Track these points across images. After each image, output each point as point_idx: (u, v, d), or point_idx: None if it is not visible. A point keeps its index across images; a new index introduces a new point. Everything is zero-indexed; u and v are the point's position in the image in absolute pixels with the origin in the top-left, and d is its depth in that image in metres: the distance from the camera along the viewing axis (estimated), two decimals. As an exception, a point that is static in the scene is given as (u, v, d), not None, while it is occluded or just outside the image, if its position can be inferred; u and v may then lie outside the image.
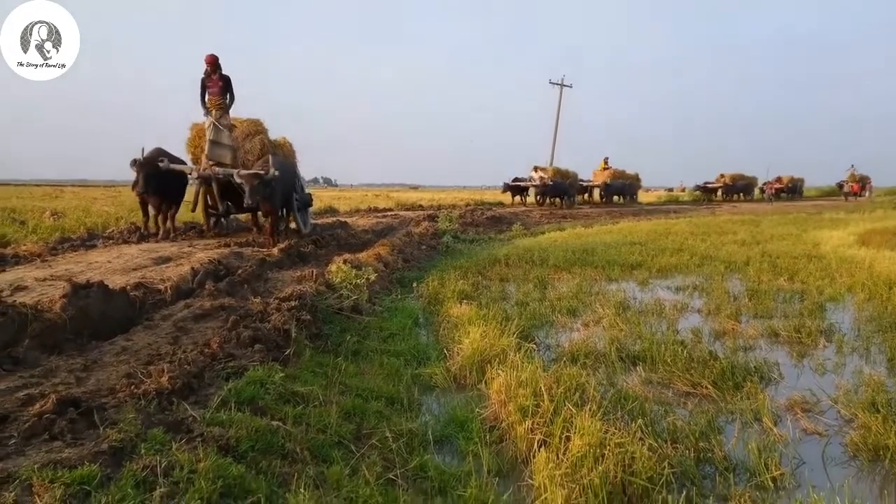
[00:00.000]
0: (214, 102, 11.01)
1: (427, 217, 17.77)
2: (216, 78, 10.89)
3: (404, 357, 5.14)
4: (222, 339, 4.41)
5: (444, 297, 7.17)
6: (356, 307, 6.37)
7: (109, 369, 3.75)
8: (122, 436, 2.70)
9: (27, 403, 3.00)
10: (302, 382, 4.04)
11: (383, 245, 11.08)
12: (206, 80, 10.91)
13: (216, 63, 10.85)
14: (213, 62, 10.78)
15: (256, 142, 11.29)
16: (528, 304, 6.91)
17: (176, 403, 3.26)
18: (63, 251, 8.48)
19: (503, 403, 3.89)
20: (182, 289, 5.96)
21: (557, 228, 16.86)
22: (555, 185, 28.86)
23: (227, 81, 11.06)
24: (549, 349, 5.41)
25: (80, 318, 4.39)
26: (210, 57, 10.78)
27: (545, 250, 10.66)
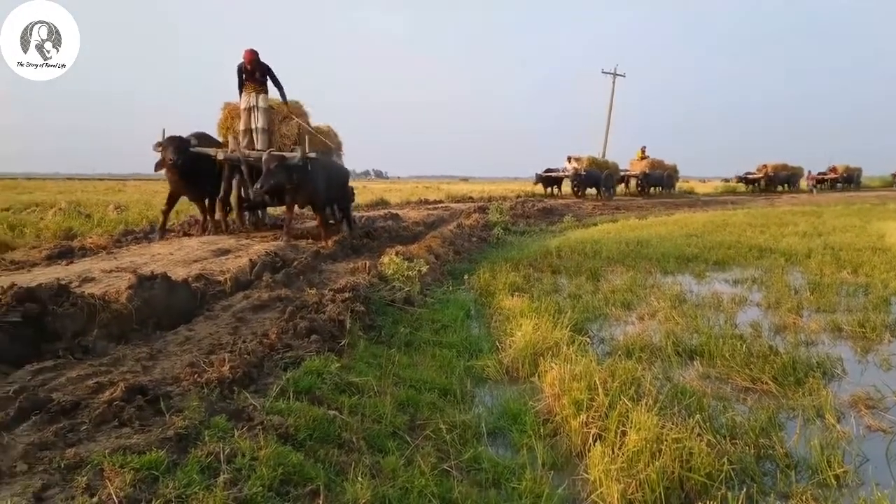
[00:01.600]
0: (253, 87, 10.17)
1: (477, 209, 17.78)
2: (252, 68, 10.10)
3: (456, 349, 5.18)
4: (280, 329, 4.51)
5: (495, 290, 7.18)
6: (408, 299, 6.43)
7: (173, 358, 3.88)
8: (187, 423, 2.79)
9: (97, 391, 3.12)
10: (357, 373, 4.10)
11: (434, 237, 11.15)
12: (243, 69, 10.14)
13: (255, 61, 10.03)
14: (251, 60, 9.98)
15: (293, 126, 10.60)
16: (581, 296, 6.87)
17: (237, 392, 3.35)
18: (127, 243, 8.77)
19: (557, 397, 3.90)
20: (241, 280, 6.11)
21: (610, 220, 16.69)
22: (589, 175, 28.18)
23: (266, 71, 10.17)
24: (603, 342, 5.38)
25: (145, 308, 4.55)
26: (249, 54, 9.96)
27: (598, 242, 10.57)
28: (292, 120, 10.72)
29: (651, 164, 33.92)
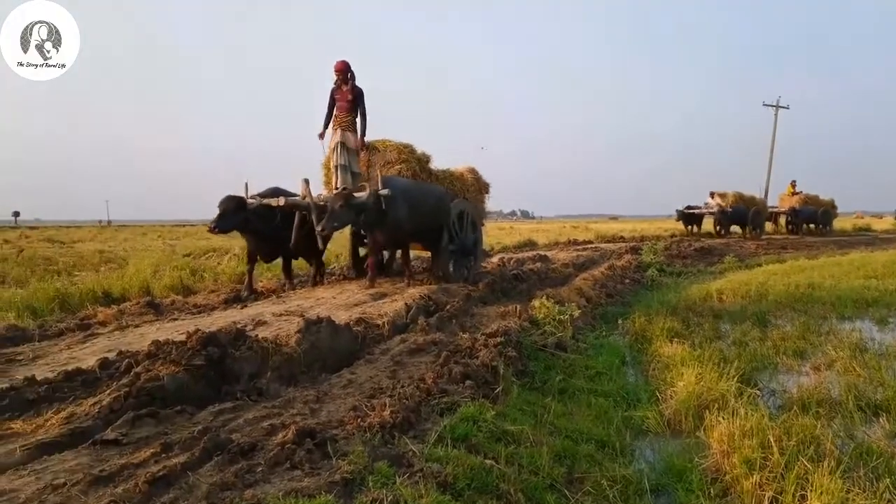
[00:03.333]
0: (340, 119, 9.49)
1: (629, 249, 17.35)
2: (346, 90, 9.40)
3: (613, 398, 5.03)
4: (435, 374, 4.59)
5: (651, 335, 6.94)
6: (560, 344, 6.36)
7: (338, 401, 4.05)
8: (353, 467, 2.90)
9: (271, 433, 3.33)
10: (511, 421, 4.08)
11: (585, 279, 10.98)
12: (336, 91, 9.49)
13: (346, 71, 9.35)
14: (342, 70, 9.32)
15: (394, 173, 9.46)
16: (748, 343, 6.47)
17: (397, 437, 3.44)
18: (292, 287, 9.34)
19: (726, 454, 3.67)
20: (397, 324, 6.32)
21: (776, 260, 15.65)
22: (735, 212, 26.47)
23: (359, 95, 9.43)
24: (775, 395, 5.02)
25: (312, 351, 4.82)
26: (340, 64, 9.33)
27: (763, 284, 9.94)
28: (397, 164, 9.71)
29: (803, 199, 31.33)
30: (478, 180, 11.29)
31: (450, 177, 10.57)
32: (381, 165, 9.62)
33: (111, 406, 3.57)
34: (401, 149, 9.81)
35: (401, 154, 9.74)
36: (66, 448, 3.13)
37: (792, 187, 32.51)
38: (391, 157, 9.71)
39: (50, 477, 2.76)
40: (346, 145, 9.44)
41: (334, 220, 7.69)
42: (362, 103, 9.46)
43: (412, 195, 8.75)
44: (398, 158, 9.71)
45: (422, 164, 9.97)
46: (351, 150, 9.47)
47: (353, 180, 9.32)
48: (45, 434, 3.29)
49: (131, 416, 3.44)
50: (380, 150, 9.76)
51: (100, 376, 4.23)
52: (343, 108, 9.45)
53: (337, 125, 9.51)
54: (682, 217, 28.03)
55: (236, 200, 8.26)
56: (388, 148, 9.80)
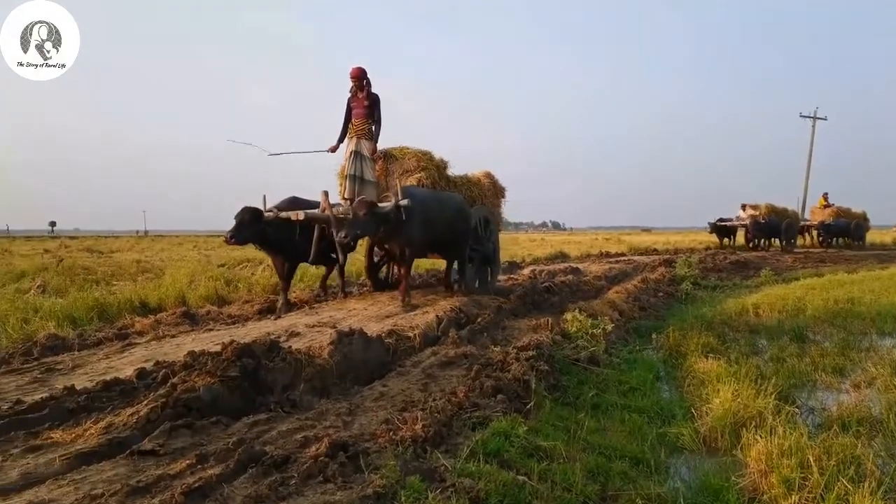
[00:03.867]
0: (357, 127, 9.27)
1: (663, 262, 17.15)
2: (362, 97, 9.19)
3: (647, 414, 4.96)
4: (467, 388, 4.57)
5: (686, 350, 6.84)
6: (593, 358, 6.29)
7: (370, 414, 4.07)
8: (385, 482, 2.90)
9: (304, 445, 3.35)
10: (544, 436, 4.05)
11: (617, 292, 10.88)
12: (352, 99, 9.29)
13: (363, 78, 9.15)
14: (358, 76, 9.11)
15: (414, 181, 9.17)
16: (785, 360, 6.33)
17: (429, 452, 3.44)
18: (325, 299, 9.41)
19: (763, 473, 3.59)
20: (428, 336, 6.32)
21: (814, 274, 15.32)
22: (769, 225, 26.05)
23: (375, 102, 9.26)
24: (814, 413, 4.91)
25: (344, 363, 4.85)
26: (356, 70, 9.14)
27: (801, 299, 9.75)
28: (415, 173, 9.37)
29: (835, 212, 30.61)
30: (494, 185, 11.05)
31: (467, 182, 10.32)
32: (399, 174, 9.35)
33: (148, 416, 3.63)
34: (419, 156, 9.52)
35: (420, 161, 9.45)
36: (105, 458, 3.19)
37: (824, 200, 31.90)
38: (410, 165, 9.42)
39: (88, 487, 2.81)
40: (360, 154, 9.22)
41: (356, 228, 7.46)
42: (378, 110, 9.31)
43: (430, 206, 8.52)
44: (417, 166, 9.41)
45: (440, 170, 9.70)
46: (366, 158, 9.25)
47: (366, 190, 9.12)
48: (83, 444, 3.35)
49: (168, 426, 3.50)
50: (398, 158, 9.49)
51: (137, 386, 4.31)
52: (359, 116, 9.27)
53: (353, 133, 9.31)
54: (715, 230, 27.72)
55: (253, 212, 8.19)
56: (407, 155, 9.52)
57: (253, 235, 8.19)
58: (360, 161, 9.18)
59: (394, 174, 9.34)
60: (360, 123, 9.24)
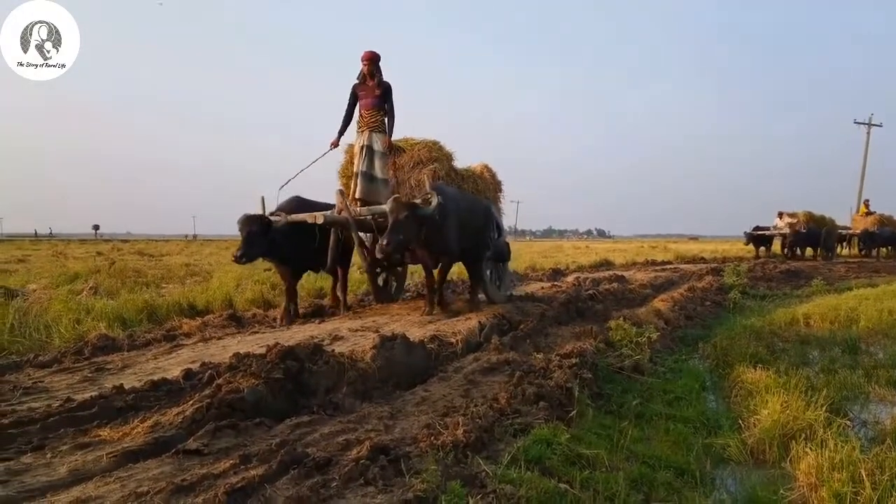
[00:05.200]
0: (367, 119, 8.42)
1: (710, 270, 16.81)
2: (373, 84, 8.33)
3: (692, 424, 4.84)
4: (509, 394, 4.54)
5: (733, 360, 6.68)
6: (637, 367, 6.19)
7: (411, 419, 4.06)
8: (426, 486, 2.89)
9: (346, 448, 3.36)
10: (586, 444, 3.99)
11: (663, 300, 10.70)
12: (359, 87, 8.43)
13: (376, 62, 8.32)
14: (372, 60, 8.26)
15: (428, 173, 8.46)
16: (837, 371, 6.13)
17: (470, 457, 3.42)
18: (369, 303, 9.46)
19: (813, 487, 3.48)
20: (471, 342, 6.30)
21: (868, 284, 14.84)
22: (808, 234, 25.10)
23: (387, 91, 8.36)
24: (866, 426, 4.75)
25: (386, 367, 4.86)
26: (369, 53, 8.28)
27: (854, 309, 9.44)
28: (427, 165, 8.59)
29: (877, 219, 28.95)
30: (493, 178, 10.27)
31: (471, 176, 9.61)
32: (410, 167, 8.62)
33: (194, 416, 3.68)
34: (431, 146, 8.81)
35: (431, 152, 8.72)
36: (151, 456, 3.24)
37: (865, 207, 30.71)
38: (421, 157, 8.66)
39: (134, 485, 2.86)
40: (372, 149, 8.40)
41: (400, 233, 6.72)
42: (390, 99, 8.41)
43: (462, 207, 7.80)
44: (429, 157, 8.67)
45: (449, 162, 9.01)
46: (378, 153, 8.43)
47: (379, 189, 8.40)
48: (130, 442, 3.42)
49: (212, 426, 3.54)
50: (405, 150, 8.73)
51: (183, 387, 4.38)
52: (370, 106, 8.38)
53: (364, 126, 8.45)
54: (751, 239, 26.69)
55: (260, 221, 7.36)
56: (415, 147, 8.80)
57: (264, 249, 7.40)
58: (372, 157, 8.43)
59: (403, 168, 8.63)
60: (371, 115, 8.41)
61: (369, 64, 8.26)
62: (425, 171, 8.45)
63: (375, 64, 8.31)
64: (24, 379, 4.87)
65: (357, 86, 8.44)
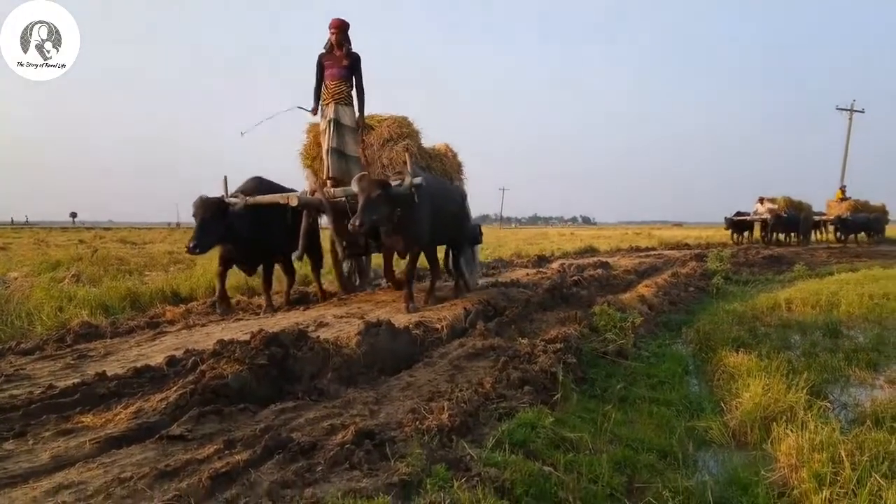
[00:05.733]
0: (333, 91, 7.81)
1: (694, 256, 16.95)
2: (340, 54, 7.75)
3: (675, 407, 4.89)
4: (494, 379, 4.56)
5: (716, 344, 6.72)
6: (621, 351, 6.23)
7: (396, 403, 4.08)
8: (410, 469, 2.91)
9: (331, 433, 3.37)
10: (570, 428, 4.01)
11: (647, 286, 10.77)
12: (326, 57, 7.85)
13: (344, 31, 7.79)
14: (340, 28, 7.73)
15: (400, 150, 7.91)
16: (818, 355, 6.20)
17: (455, 441, 3.43)
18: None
19: (794, 468, 3.52)
20: (456, 328, 6.33)
21: (849, 269, 14.99)
22: (789, 219, 25.27)
23: (356, 62, 7.81)
24: (846, 408, 4.80)
25: (371, 353, 4.88)
26: (338, 21, 7.76)
27: (835, 294, 9.53)
28: (399, 142, 8.10)
29: (852, 205, 29.20)
30: (454, 158, 9.72)
31: (438, 155, 9.15)
32: (379, 145, 8.08)
33: (177, 402, 3.67)
34: (400, 122, 8.29)
35: (401, 128, 8.22)
36: (134, 442, 3.24)
37: (841, 193, 30.79)
38: (391, 134, 8.13)
39: (117, 470, 2.85)
40: (341, 123, 7.79)
41: (373, 213, 6.30)
42: (359, 71, 7.85)
43: (438, 190, 7.50)
44: (399, 134, 8.16)
45: (418, 140, 8.50)
46: (347, 128, 7.84)
47: (351, 168, 7.78)
48: (113, 428, 3.40)
49: (196, 412, 3.54)
50: (373, 127, 8.18)
51: (167, 373, 4.37)
52: (336, 77, 7.79)
53: (329, 98, 7.82)
54: (731, 225, 26.65)
55: (215, 205, 6.78)
56: (383, 123, 8.25)
57: (221, 235, 6.82)
58: (341, 132, 7.83)
59: (372, 146, 8.09)
60: (337, 86, 7.81)
61: (338, 33, 7.76)
62: (397, 149, 7.96)
63: (344, 33, 7.81)
64: (6, 366, 4.82)
65: (323, 56, 7.90)
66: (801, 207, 26.91)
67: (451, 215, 7.88)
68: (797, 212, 26.08)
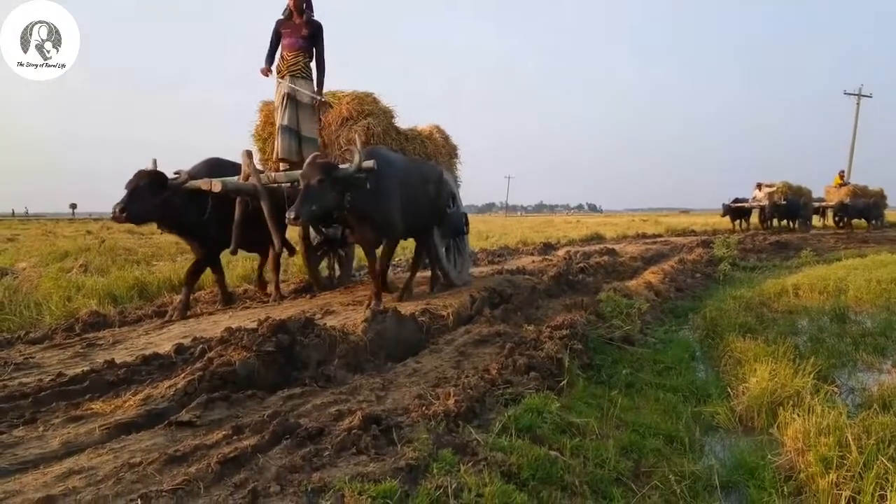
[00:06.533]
0: (289, 62, 7.04)
1: (700, 243, 16.90)
2: (300, 22, 7.02)
3: (682, 393, 4.90)
4: (500, 365, 4.57)
5: (723, 330, 6.72)
6: (627, 338, 6.24)
7: (403, 389, 4.09)
8: (417, 454, 2.92)
9: (338, 418, 3.39)
10: (577, 413, 4.03)
11: (653, 273, 10.75)
12: (283, 23, 7.11)
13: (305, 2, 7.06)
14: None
15: (360, 130, 7.10)
16: (825, 340, 6.20)
17: (461, 426, 3.45)
18: (361, 278, 9.47)
19: (800, 452, 3.52)
20: (462, 315, 6.34)
21: (857, 254, 14.91)
22: (788, 205, 24.70)
23: (317, 31, 7.06)
24: (853, 393, 4.81)
25: (378, 340, 4.90)
26: None
27: (843, 279, 9.49)
28: (360, 120, 7.26)
29: (851, 190, 28.39)
30: (447, 141, 9.06)
31: (418, 137, 8.38)
32: (338, 125, 7.28)
33: (186, 389, 3.70)
34: (362, 99, 7.44)
35: (363, 106, 7.36)
36: (143, 428, 3.27)
37: (840, 178, 30.05)
38: (351, 112, 7.30)
39: (127, 456, 2.87)
40: (296, 99, 7.00)
41: (312, 203, 5.46)
42: (320, 42, 7.11)
43: (409, 173, 6.78)
44: (361, 112, 7.33)
45: (388, 120, 7.66)
46: (304, 106, 7.05)
47: (307, 150, 6.93)
48: (123, 414, 3.43)
49: (204, 398, 3.56)
50: (332, 105, 7.39)
51: (175, 361, 4.40)
52: (294, 47, 7.04)
53: (285, 71, 7.04)
54: (728, 212, 25.88)
55: (152, 177, 6.06)
56: (343, 100, 7.40)
57: (153, 210, 6.03)
58: (296, 109, 7.03)
59: (331, 126, 7.33)
60: (294, 57, 7.05)
61: (296, 3, 7.04)
62: (357, 129, 7.14)
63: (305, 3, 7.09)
64: (15, 355, 4.87)
65: (281, 22, 7.15)
66: (801, 192, 26.44)
67: (424, 199, 7.08)
68: (797, 197, 25.59)
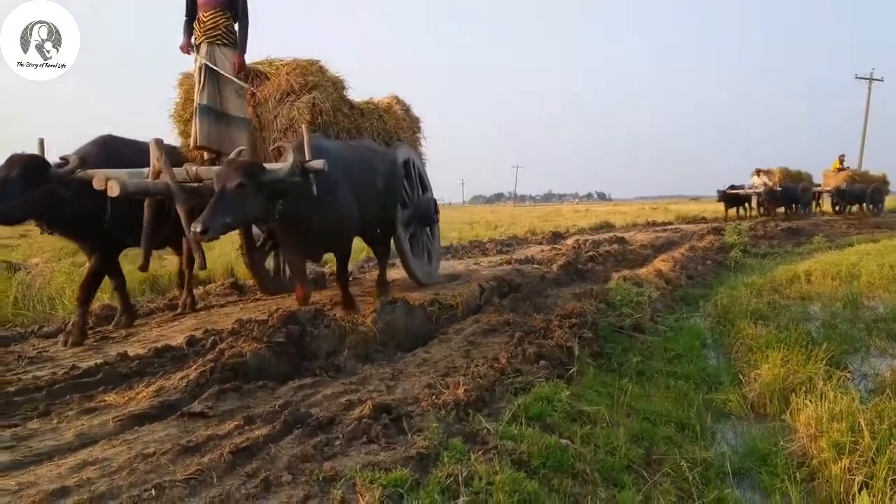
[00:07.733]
0: (207, 25, 5.90)
1: (711, 230, 16.76)
2: None
3: (693, 380, 4.90)
4: (509, 354, 4.57)
5: (734, 317, 6.69)
6: (638, 326, 6.22)
7: (413, 379, 4.10)
8: (428, 443, 2.93)
9: (348, 408, 3.41)
10: (587, 402, 4.03)
11: (664, 260, 10.68)
12: None
13: None
14: None
15: (303, 107, 5.87)
16: (837, 326, 6.16)
17: (472, 415, 3.46)
18: (369, 269, 9.48)
19: (813, 438, 3.52)
20: (471, 304, 6.34)
21: (870, 240, 14.80)
22: (785, 191, 23.86)
23: None
24: (866, 378, 4.79)
25: (387, 330, 4.92)
26: None
27: (855, 265, 9.42)
28: (302, 96, 5.95)
29: (850, 175, 27.42)
30: (408, 113, 7.90)
31: (375, 111, 7.19)
32: (276, 101, 6.01)
33: (198, 380, 3.72)
34: (306, 68, 6.10)
35: (307, 77, 6.04)
36: (156, 419, 3.30)
37: (839, 162, 28.99)
38: (293, 84, 6.00)
39: (140, 446, 2.90)
40: (217, 71, 5.82)
41: (227, 214, 4.20)
42: (244, 3, 5.98)
43: (354, 166, 5.48)
44: (305, 84, 6.02)
45: (338, 91, 6.37)
46: (226, 78, 5.85)
47: (232, 133, 5.87)
48: (136, 406, 3.46)
49: (216, 389, 3.59)
50: (269, 77, 6.15)
51: (187, 352, 4.44)
52: (212, 6, 5.89)
53: (201, 35, 5.90)
54: (724, 199, 24.27)
55: (31, 164, 4.65)
56: (283, 70, 6.11)
57: (30, 207, 4.61)
58: (217, 83, 5.86)
59: (267, 102, 6.04)
60: (211, 18, 5.89)
61: None
62: (300, 106, 5.92)
63: None
64: (29, 349, 4.93)
65: None
66: (801, 178, 25.79)
67: (374, 195, 5.83)
68: (794, 183, 24.87)
